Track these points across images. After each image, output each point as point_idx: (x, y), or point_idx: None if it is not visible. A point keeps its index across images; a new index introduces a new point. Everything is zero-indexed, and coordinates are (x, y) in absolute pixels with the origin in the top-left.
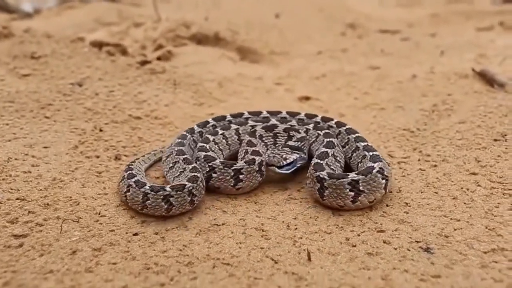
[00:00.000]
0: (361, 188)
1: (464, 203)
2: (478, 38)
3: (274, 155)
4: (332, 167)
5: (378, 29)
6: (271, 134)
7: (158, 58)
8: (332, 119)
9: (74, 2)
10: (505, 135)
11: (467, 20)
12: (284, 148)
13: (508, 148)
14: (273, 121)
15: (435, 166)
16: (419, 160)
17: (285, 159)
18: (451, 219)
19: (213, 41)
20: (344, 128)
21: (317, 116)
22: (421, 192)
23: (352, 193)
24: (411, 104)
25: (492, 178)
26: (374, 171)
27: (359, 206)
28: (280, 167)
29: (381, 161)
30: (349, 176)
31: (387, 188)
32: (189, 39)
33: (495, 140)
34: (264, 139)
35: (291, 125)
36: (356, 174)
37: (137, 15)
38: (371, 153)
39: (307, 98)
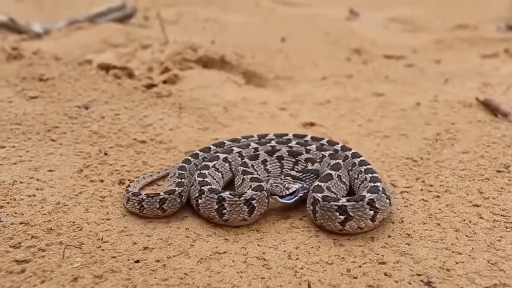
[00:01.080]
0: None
1: (466, 236)
2: (483, 66)
3: (276, 184)
4: (333, 189)
5: (383, 55)
6: (294, 160)
7: (164, 82)
8: (350, 149)
9: (83, 24)
10: (509, 166)
11: (471, 46)
12: (286, 177)
13: (511, 180)
14: (297, 147)
15: (438, 196)
16: (421, 190)
17: (287, 188)
18: (453, 252)
19: (219, 64)
20: (359, 159)
21: (338, 143)
22: (423, 224)
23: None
24: (414, 132)
25: (495, 210)
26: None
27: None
28: (282, 197)
29: (377, 192)
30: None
31: (376, 220)
32: (195, 62)
33: (498, 171)
34: (284, 162)
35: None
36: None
37: (144, 37)
38: (371, 184)
39: (311, 124)
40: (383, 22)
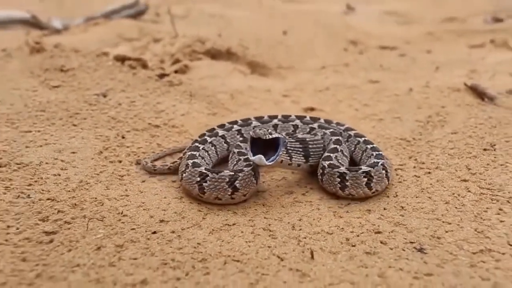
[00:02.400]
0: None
1: (455, 208)
2: (470, 55)
3: (260, 128)
4: (340, 161)
5: (378, 46)
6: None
7: (176, 71)
8: (344, 124)
9: (99, 19)
10: (494, 145)
11: (460, 37)
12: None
13: (497, 157)
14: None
15: (429, 173)
16: (414, 167)
17: (270, 133)
18: (443, 222)
19: (225, 56)
20: (353, 132)
21: (332, 121)
22: (416, 197)
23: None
24: (407, 115)
25: (482, 184)
26: (379, 164)
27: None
28: (267, 159)
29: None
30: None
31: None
32: (203, 54)
33: (485, 149)
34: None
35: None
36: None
37: (156, 32)
38: (376, 152)
39: (312, 109)
40: (378, 16)
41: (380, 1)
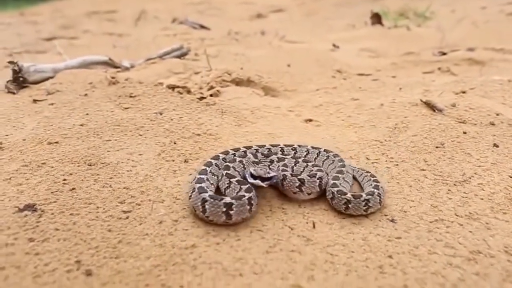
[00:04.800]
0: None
1: (417, 189)
2: (424, 79)
3: (260, 168)
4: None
5: (357, 73)
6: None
7: (211, 95)
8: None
9: (155, 59)
10: (443, 144)
11: (416, 66)
12: (261, 166)
13: (445, 153)
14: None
15: (397, 165)
16: (386, 161)
17: (268, 173)
18: (408, 200)
19: (246, 83)
20: (332, 153)
21: (320, 148)
22: (388, 182)
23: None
24: (380, 123)
25: (435, 172)
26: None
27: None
28: (263, 181)
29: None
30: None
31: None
32: (230, 82)
33: (437, 147)
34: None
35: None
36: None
37: (196, 67)
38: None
39: (310, 120)
40: (356, 52)
41: (357, 42)
